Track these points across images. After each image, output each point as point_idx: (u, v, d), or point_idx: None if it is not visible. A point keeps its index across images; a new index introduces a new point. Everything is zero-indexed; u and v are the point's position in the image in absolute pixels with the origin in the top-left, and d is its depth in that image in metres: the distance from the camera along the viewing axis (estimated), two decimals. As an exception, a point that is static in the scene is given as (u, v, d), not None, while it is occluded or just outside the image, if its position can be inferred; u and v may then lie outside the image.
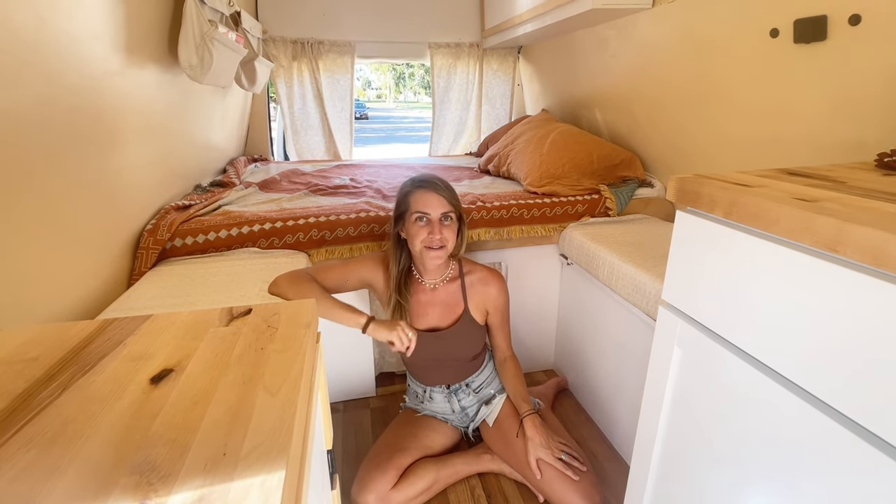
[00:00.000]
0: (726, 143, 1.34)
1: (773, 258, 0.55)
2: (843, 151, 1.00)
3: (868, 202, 0.52)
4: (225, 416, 0.39)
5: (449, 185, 1.14)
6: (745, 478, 0.63)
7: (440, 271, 1.20)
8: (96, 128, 1.00)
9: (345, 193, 1.71)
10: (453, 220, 1.12)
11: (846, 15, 0.93)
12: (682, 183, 0.67)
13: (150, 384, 0.43)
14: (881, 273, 0.44)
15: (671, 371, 0.75)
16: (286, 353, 0.48)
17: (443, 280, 1.21)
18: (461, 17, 2.57)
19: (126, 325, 0.54)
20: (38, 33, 0.81)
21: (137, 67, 1.16)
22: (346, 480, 1.20)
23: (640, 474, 0.85)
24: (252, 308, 0.57)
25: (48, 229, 0.85)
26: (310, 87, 2.47)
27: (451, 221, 1.11)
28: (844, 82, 0.98)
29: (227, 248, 1.28)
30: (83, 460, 0.34)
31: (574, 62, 2.10)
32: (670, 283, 0.73)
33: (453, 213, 1.12)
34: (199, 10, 1.27)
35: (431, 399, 1.29)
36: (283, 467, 0.34)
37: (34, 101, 0.81)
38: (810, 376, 0.52)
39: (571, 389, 1.63)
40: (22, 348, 0.49)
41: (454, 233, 1.13)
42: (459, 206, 1.15)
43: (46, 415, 0.39)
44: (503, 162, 1.94)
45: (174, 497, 0.31)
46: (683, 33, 1.40)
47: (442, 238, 1.09)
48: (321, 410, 0.59)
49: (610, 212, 1.60)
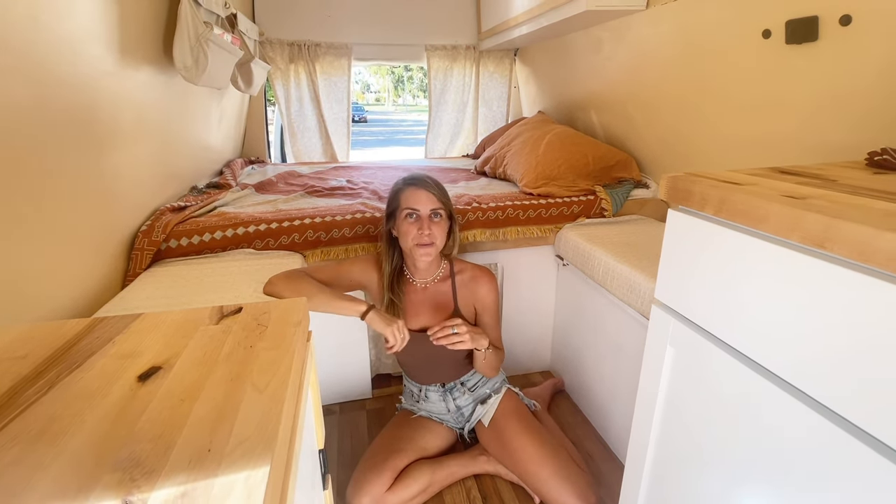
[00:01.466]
0: (721, 143, 1.34)
1: (763, 255, 0.55)
2: (835, 150, 1.01)
3: (856, 199, 0.52)
4: (211, 412, 0.39)
5: (440, 183, 1.15)
6: (738, 476, 0.63)
7: (431, 271, 1.20)
8: (91, 128, 1.00)
9: (341, 195, 1.71)
10: (443, 218, 1.13)
11: (837, 15, 0.94)
12: (674, 181, 0.68)
13: (138, 382, 0.43)
14: (868, 269, 0.44)
15: (664, 370, 0.75)
16: (275, 351, 0.48)
17: (433, 279, 1.21)
18: (457, 20, 2.58)
19: (115, 324, 0.54)
20: (33, 33, 0.81)
21: (132, 68, 1.16)
22: (342, 482, 1.19)
23: (634, 474, 0.85)
24: (243, 307, 0.57)
25: (42, 229, 0.85)
26: (307, 89, 2.48)
27: (440, 219, 1.12)
28: (836, 82, 0.98)
29: (222, 249, 1.28)
30: (67, 457, 0.34)
31: (570, 64, 2.10)
32: (663, 281, 0.73)
33: (443, 211, 1.13)
34: (195, 12, 1.27)
35: (427, 398, 1.29)
36: (268, 463, 0.33)
37: (28, 101, 0.81)
38: (801, 373, 0.52)
39: (568, 391, 1.63)
40: (10, 346, 0.49)
41: (443, 230, 1.13)
42: (450, 204, 1.16)
43: (32, 412, 0.39)
44: (499, 163, 1.95)
45: (157, 493, 0.31)
46: (677, 35, 1.40)
47: (431, 234, 1.10)
48: (312, 408, 0.58)
49: (605, 213, 1.60)
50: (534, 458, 1.13)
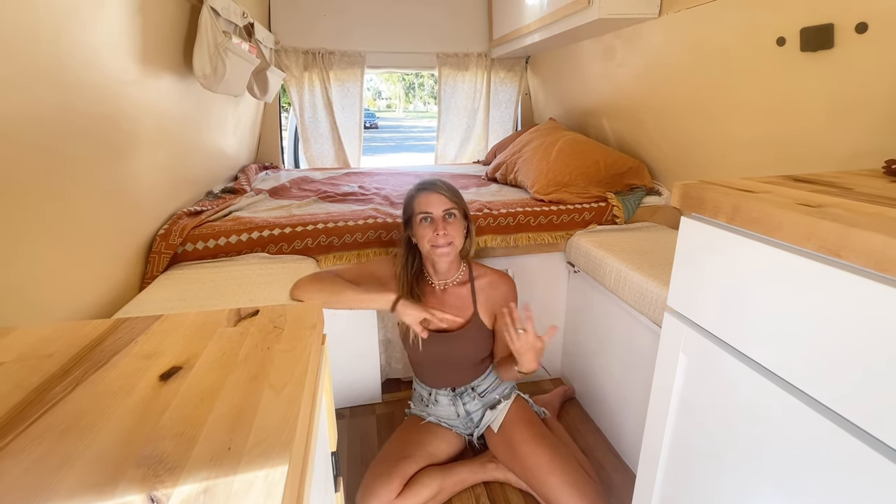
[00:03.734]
0: (734, 151, 1.34)
1: (777, 263, 0.55)
2: (851, 158, 1.00)
3: (873, 208, 0.52)
4: (231, 412, 0.40)
5: (450, 185, 1.18)
6: (751, 486, 0.62)
7: (450, 272, 1.22)
8: (113, 135, 1.03)
9: (353, 200, 1.73)
10: (457, 217, 1.15)
11: (853, 23, 0.93)
12: (686, 189, 0.68)
13: (160, 381, 0.44)
14: (885, 278, 0.44)
15: (677, 378, 0.74)
16: (292, 353, 0.49)
17: (452, 282, 1.23)
18: (469, 28, 2.61)
19: (137, 325, 0.55)
20: (59, 44, 0.84)
21: (153, 77, 1.20)
22: (351, 487, 1.20)
23: (646, 483, 0.85)
24: (259, 309, 0.59)
25: (66, 232, 0.88)
26: (320, 96, 2.52)
27: (454, 218, 1.15)
28: (852, 89, 0.97)
29: (236, 252, 1.30)
30: (94, 452, 0.35)
31: (581, 71, 2.11)
32: (675, 289, 0.73)
33: (456, 210, 1.15)
34: (214, 22, 1.30)
35: (437, 402, 1.29)
36: (286, 462, 0.34)
37: (55, 109, 0.84)
38: (816, 382, 0.52)
39: (578, 398, 1.62)
40: (38, 345, 0.50)
41: (459, 230, 1.16)
42: (463, 203, 1.18)
43: (60, 408, 0.41)
44: (510, 170, 1.95)
45: (180, 488, 0.32)
46: (690, 42, 1.40)
47: (447, 234, 1.12)
48: (325, 411, 0.59)
49: (617, 219, 1.60)
50: (543, 466, 1.12)
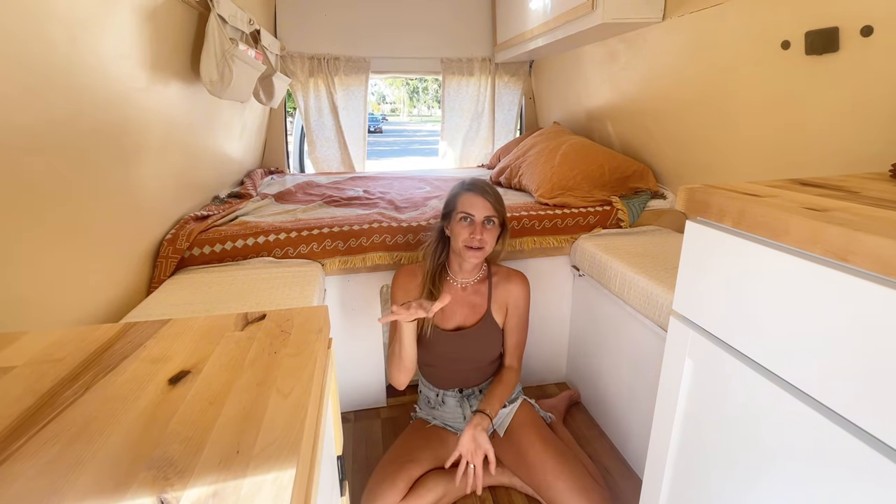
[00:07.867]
0: (739, 154, 1.33)
1: (784, 268, 0.55)
2: (857, 161, 0.99)
3: (880, 212, 0.52)
4: (239, 415, 0.40)
5: (497, 192, 1.21)
6: (758, 491, 0.62)
7: (473, 272, 1.25)
8: (121, 141, 1.04)
9: (358, 205, 1.74)
10: (495, 225, 1.19)
11: (858, 26, 0.93)
12: (692, 193, 0.68)
13: (169, 385, 0.45)
14: (892, 282, 0.44)
15: (683, 383, 0.74)
16: (298, 357, 0.49)
17: (473, 281, 1.26)
18: (473, 33, 2.62)
19: (146, 329, 0.56)
20: (70, 52, 0.85)
21: (161, 84, 1.21)
22: (356, 490, 1.20)
23: (652, 488, 0.84)
24: (266, 314, 0.59)
25: (74, 237, 0.89)
26: (326, 101, 2.54)
27: (493, 226, 1.18)
28: (858, 93, 0.97)
29: (243, 257, 1.31)
30: (104, 456, 0.36)
31: (585, 75, 2.11)
32: (681, 293, 0.73)
33: (496, 218, 1.18)
34: (221, 29, 1.32)
35: (444, 403, 1.29)
36: (294, 465, 0.35)
37: (64, 116, 0.85)
38: (823, 387, 0.51)
39: (584, 403, 1.61)
40: (48, 349, 0.51)
41: (494, 237, 1.19)
42: (504, 212, 1.21)
43: (70, 412, 0.41)
44: (515, 174, 1.96)
45: (189, 491, 0.32)
46: (694, 46, 1.40)
47: (482, 240, 1.15)
48: (331, 414, 0.59)
49: (622, 223, 1.59)
50: (549, 470, 1.12)
